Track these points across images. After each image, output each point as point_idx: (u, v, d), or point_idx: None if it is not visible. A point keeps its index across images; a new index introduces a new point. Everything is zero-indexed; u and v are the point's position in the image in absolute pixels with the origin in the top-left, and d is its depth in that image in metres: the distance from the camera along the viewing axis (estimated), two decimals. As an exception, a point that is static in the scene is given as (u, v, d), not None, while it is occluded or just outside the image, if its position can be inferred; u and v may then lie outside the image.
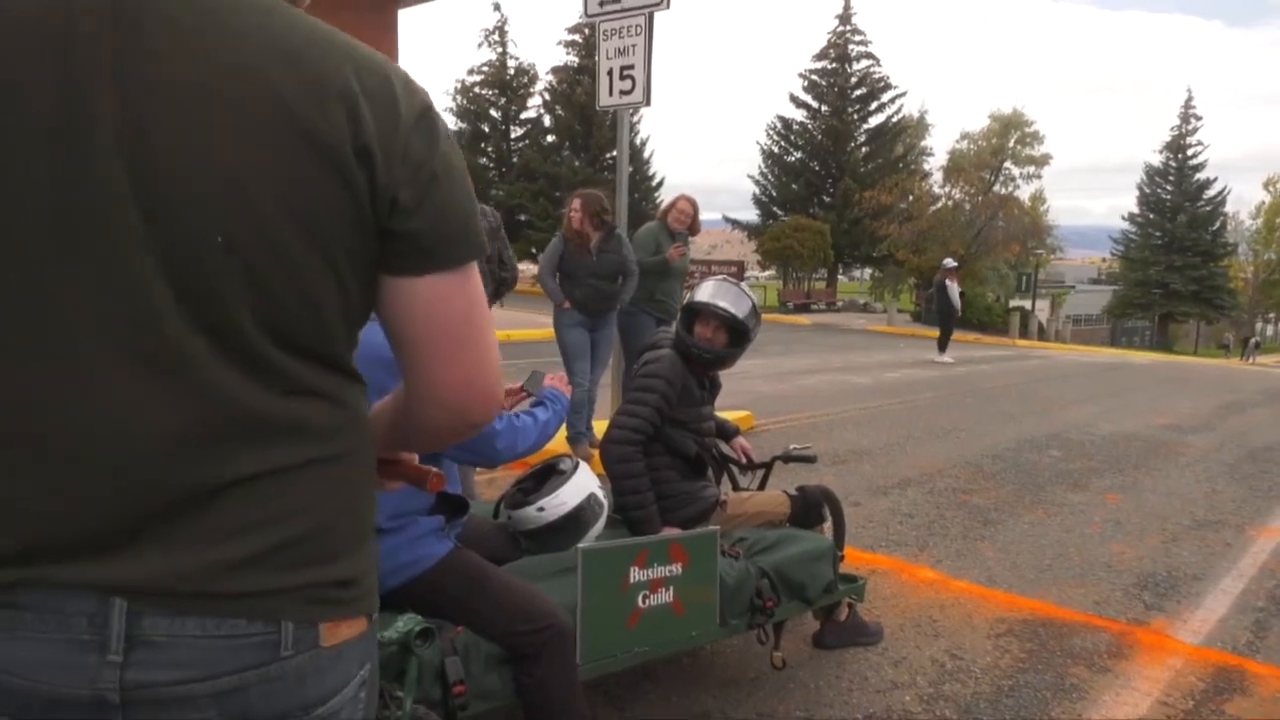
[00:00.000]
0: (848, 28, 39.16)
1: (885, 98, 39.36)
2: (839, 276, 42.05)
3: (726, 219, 41.65)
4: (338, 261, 0.92)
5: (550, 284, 6.28)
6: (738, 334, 3.36)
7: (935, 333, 17.36)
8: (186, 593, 0.88)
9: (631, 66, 6.33)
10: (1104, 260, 56.87)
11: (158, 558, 0.87)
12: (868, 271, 44.58)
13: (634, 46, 6.29)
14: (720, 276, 3.64)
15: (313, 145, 0.88)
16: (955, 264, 17.20)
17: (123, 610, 0.85)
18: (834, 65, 39.26)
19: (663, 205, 6.91)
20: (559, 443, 5.04)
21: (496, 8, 39.46)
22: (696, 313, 3.36)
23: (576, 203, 6.14)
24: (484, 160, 38.58)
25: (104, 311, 0.86)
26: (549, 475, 2.97)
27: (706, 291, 3.38)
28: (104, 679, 0.86)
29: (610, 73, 6.42)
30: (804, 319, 28.59)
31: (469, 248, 1.00)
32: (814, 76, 39.58)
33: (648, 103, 6.75)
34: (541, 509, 2.81)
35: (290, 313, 0.91)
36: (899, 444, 8.15)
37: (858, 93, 39.36)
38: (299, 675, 0.93)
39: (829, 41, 39.37)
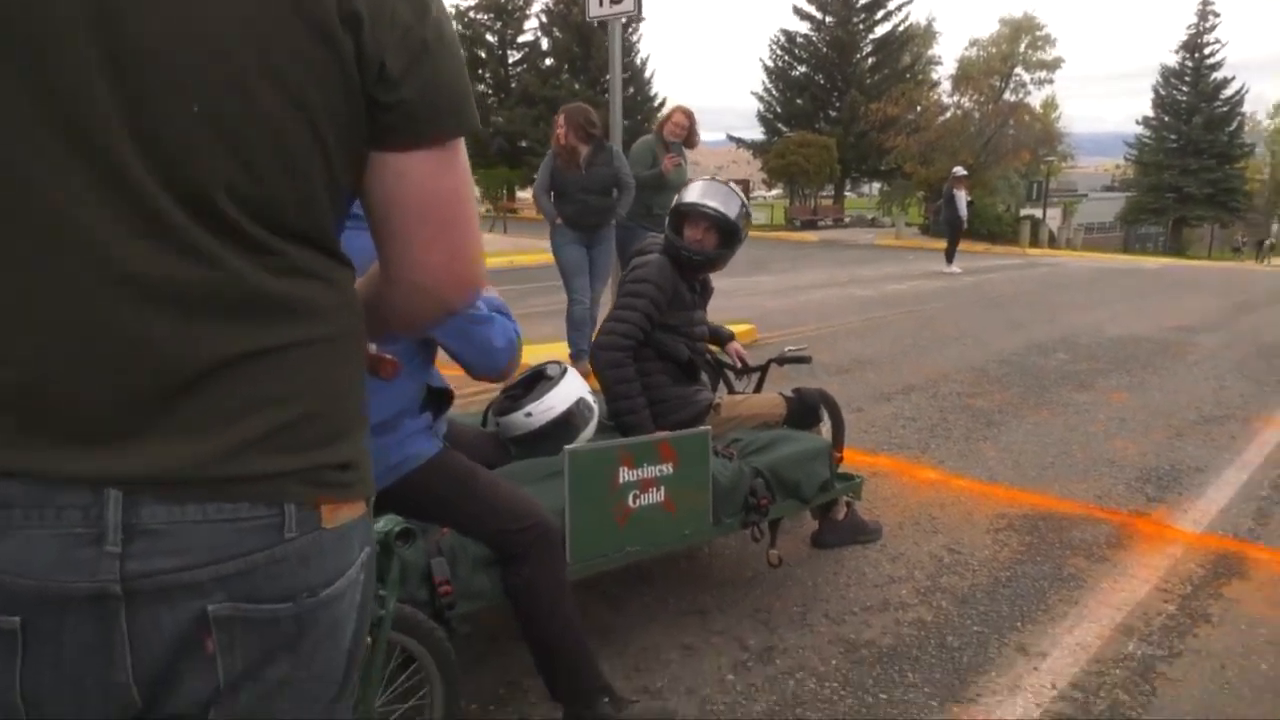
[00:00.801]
0: (851, -68, 37.78)
1: (891, 5, 38.11)
2: (846, 192, 41.45)
3: (731, 138, 40.91)
4: (324, 133, 0.88)
5: (544, 201, 6.18)
6: (728, 234, 3.29)
7: (943, 244, 17.15)
8: (186, 480, 0.85)
9: (622, -26, 6.12)
10: (1117, 166, 55.69)
11: (155, 446, 0.84)
12: (876, 186, 43.90)
13: (624, -47, 6.07)
14: (708, 178, 3.54)
15: (299, 10, 0.84)
16: (964, 173, 16.89)
17: (119, 501, 0.83)
18: (837, -28, 37.98)
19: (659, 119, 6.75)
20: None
21: (487, -74, 38.19)
22: (685, 215, 3.28)
23: (561, 118, 6.02)
24: (482, 87, 37.90)
25: (83, 183, 0.81)
26: (537, 381, 2.95)
27: (695, 192, 3.30)
28: (103, 570, 0.83)
29: (601, -19, 6.22)
30: (811, 235, 28.29)
31: (460, 122, 0.96)
32: (816, -15, 38.33)
33: (639, 13, 6.54)
34: (529, 414, 2.80)
35: (275, 188, 0.87)
36: (903, 353, 8.11)
37: (862, 1, 38.15)
38: (302, 557, 0.91)
39: (832, -53, 38.01)
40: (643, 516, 2.65)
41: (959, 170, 16.68)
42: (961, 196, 15.76)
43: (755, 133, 40.02)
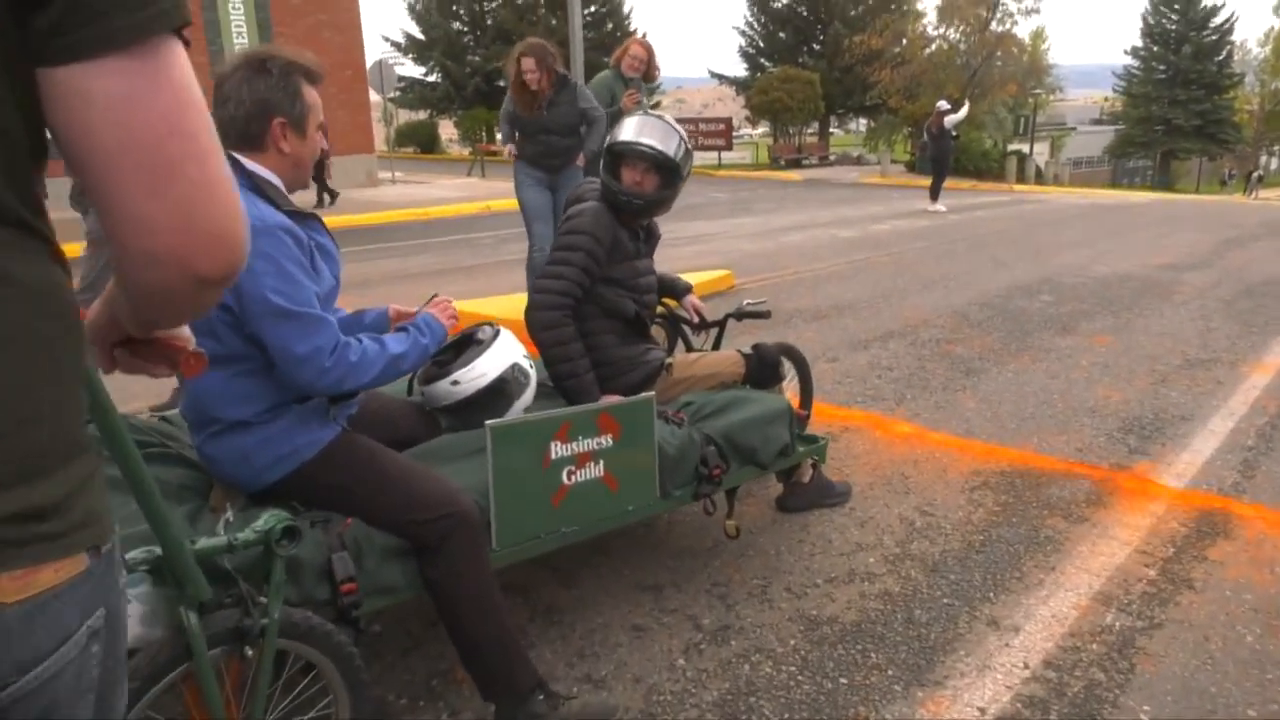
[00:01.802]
0: None
1: (876, -68, 36.97)
2: (832, 129, 40.74)
3: (713, 74, 40.02)
4: None
5: (504, 128, 5.87)
6: (669, 174, 2.99)
7: (928, 181, 16.79)
8: None
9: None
10: (1106, 99, 54.89)
11: None
12: (862, 123, 43.14)
13: None
14: (643, 112, 3.21)
15: None
16: (949, 106, 16.43)
17: None
18: (820, -102, 36.71)
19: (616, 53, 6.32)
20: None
21: None
22: (621, 155, 2.98)
23: (531, 60, 5.53)
24: (458, 25, 36.79)
25: None
26: (467, 345, 2.70)
27: (630, 129, 2.98)
28: None
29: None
30: (795, 175, 27.78)
31: (154, 14, 0.68)
32: (799, -88, 37.10)
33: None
34: (456, 382, 2.55)
35: None
36: (884, 297, 7.86)
37: (846, -71, 36.97)
38: None
39: None
40: (580, 494, 2.43)
41: (943, 104, 16.23)
42: (951, 119, 15.25)
43: (739, 70, 39.18)
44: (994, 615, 2.79)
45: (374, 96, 21.99)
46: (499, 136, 5.93)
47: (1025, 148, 32.00)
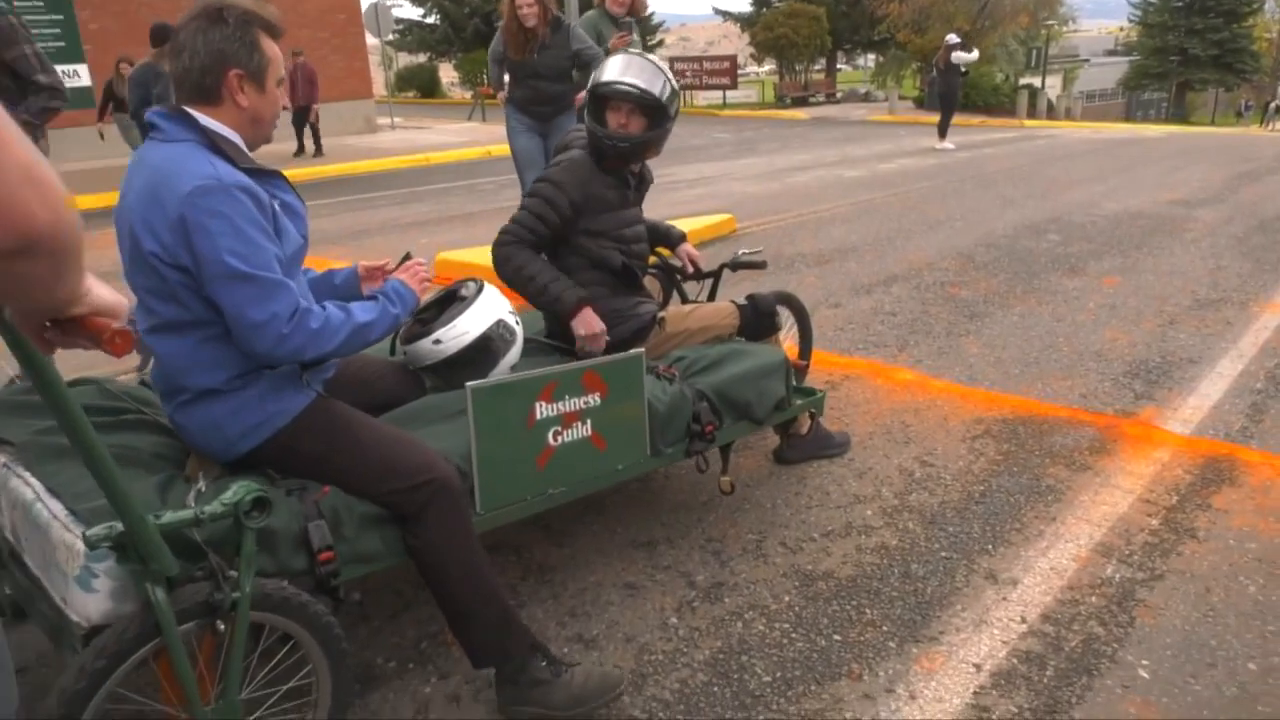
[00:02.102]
0: None
1: None
2: (840, 65, 39.90)
3: (717, 11, 39.11)
4: None
5: (494, 70, 5.71)
6: (655, 114, 2.88)
7: (936, 119, 16.44)
8: None
9: None
10: (1120, 29, 53.51)
11: None
12: (870, 58, 42.20)
13: None
14: (626, 51, 3.08)
15: None
16: (958, 41, 15.99)
17: None
18: None
19: None
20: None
21: None
22: (605, 98, 2.86)
23: None
24: (454, -39, 35.91)
25: None
26: (450, 302, 2.62)
27: (614, 69, 2.85)
28: None
29: None
30: (801, 113, 27.27)
31: None
32: None
33: None
34: (438, 341, 2.48)
35: None
36: (888, 239, 7.72)
37: None
38: None
39: None
40: (566, 455, 2.37)
41: (952, 38, 15.79)
42: (963, 57, 14.88)
43: (744, 5, 38.27)
44: (992, 568, 2.75)
45: (371, 40, 21.55)
46: (490, 79, 5.75)
47: (1037, 81, 31.27)
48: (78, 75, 14.85)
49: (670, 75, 2.92)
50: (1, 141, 0.69)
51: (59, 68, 14.73)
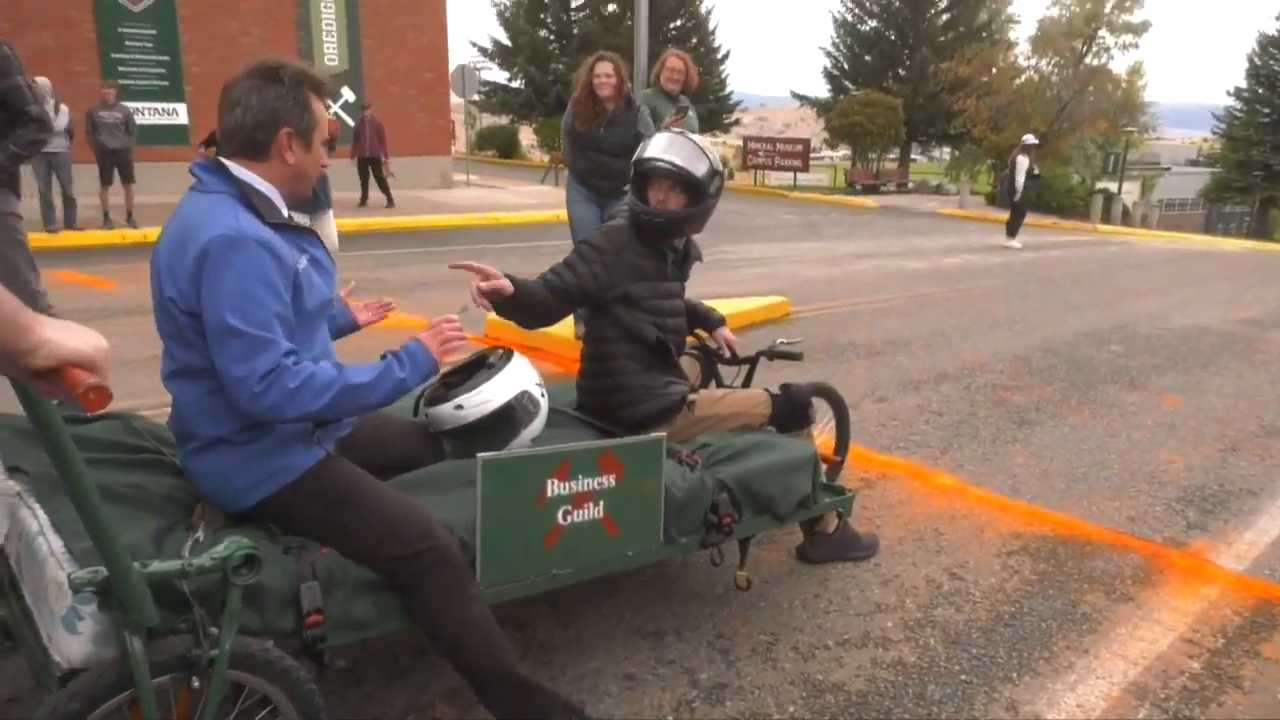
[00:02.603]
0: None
1: (971, -41, 36.26)
2: (914, 156, 40.01)
3: (795, 94, 39.66)
4: None
5: (565, 144, 5.80)
6: (694, 191, 2.89)
7: (1006, 216, 16.31)
8: None
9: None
10: (1205, 140, 52.88)
11: None
12: (945, 151, 42.27)
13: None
14: (675, 130, 3.13)
15: None
16: (1035, 141, 15.93)
17: None
18: (916, -77, 36.15)
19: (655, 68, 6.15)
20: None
21: None
22: (646, 174, 2.89)
23: (609, 66, 5.43)
24: (544, 33, 37.23)
25: None
26: (477, 368, 2.62)
27: (656, 147, 2.89)
28: None
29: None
30: (871, 201, 27.33)
31: None
32: (894, -64, 36.57)
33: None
34: (460, 406, 2.47)
35: None
36: (944, 335, 7.60)
37: (940, -47, 36.35)
38: None
39: (912, -104, 36.13)
40: (575, 536, 2.32)
41: (1029, 138, 15.75)
42: (1023, 164, 14.85)
43: (821, 91, 38.78)
44: (1014, 699, 2.60)
45: (456, 99, 22.32)
46: (563, 153, 5.84)
47: (1114, 186, 30.93)
48: (176, 113, 15.65)
49: (714, 157, 2.94)
50: None
51: (160, 105, 15.60)
